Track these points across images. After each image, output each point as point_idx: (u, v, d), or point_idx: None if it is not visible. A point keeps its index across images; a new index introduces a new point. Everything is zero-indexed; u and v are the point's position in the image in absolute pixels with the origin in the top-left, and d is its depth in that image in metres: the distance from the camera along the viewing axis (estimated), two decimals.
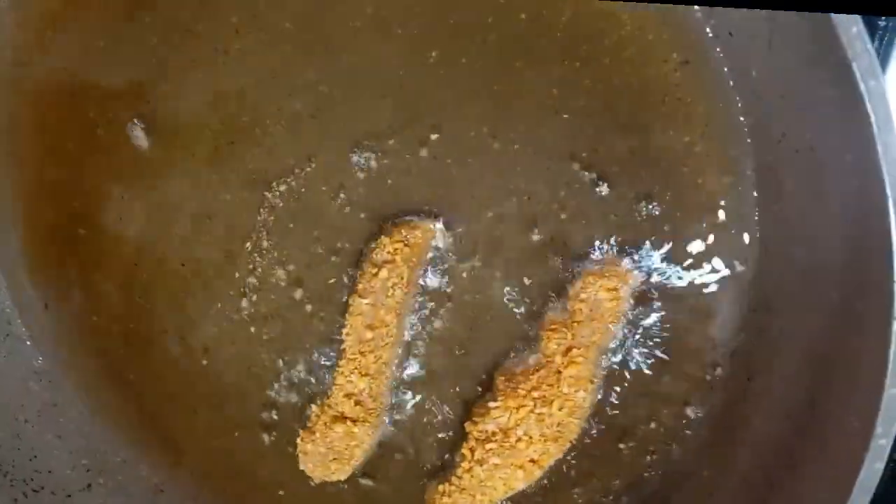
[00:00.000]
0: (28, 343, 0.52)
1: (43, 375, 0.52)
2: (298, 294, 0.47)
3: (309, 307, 0.47)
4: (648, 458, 0.45)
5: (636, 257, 0.44)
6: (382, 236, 0.46)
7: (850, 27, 0.30)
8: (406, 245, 0.45)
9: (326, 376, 0.48)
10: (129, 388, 0.52)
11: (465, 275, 0.46)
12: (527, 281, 0.45)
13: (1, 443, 0.49)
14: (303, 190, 0.46)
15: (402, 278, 0.45)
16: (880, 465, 0.35)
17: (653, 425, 0.45)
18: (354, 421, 0.47)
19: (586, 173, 0.43)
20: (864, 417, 0.35)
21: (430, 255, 0.46)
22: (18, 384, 0.51)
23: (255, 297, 0.48)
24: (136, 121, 0.47)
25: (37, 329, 0.52)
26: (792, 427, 0.40)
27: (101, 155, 0.49)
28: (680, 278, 0.44)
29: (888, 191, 0.31)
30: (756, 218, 0.41)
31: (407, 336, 0.47)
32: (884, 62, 0.45)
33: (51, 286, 0.51)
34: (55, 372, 0.52)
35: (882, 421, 0.35)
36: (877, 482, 0.36)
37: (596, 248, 0.44)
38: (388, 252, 0.45)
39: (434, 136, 0.44)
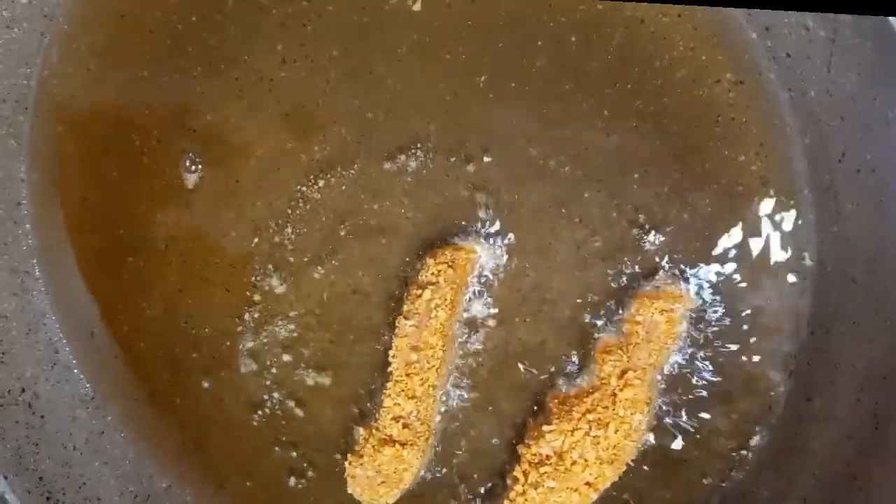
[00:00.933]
0: (75, 371, 0.52)
1: (90, 403, 0.52)
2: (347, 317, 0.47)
3: (351, 335, 0.47)
4: (706, 480, 0.44)
5: (691, 278, 0.44)
6: (427, 258, 0.46)
7: None
8: (450, 266, 0.45)
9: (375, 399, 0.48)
10: (172, 414, 0.52)
11: (514, 296, 0.45)
12: (579, 302, 0.45)
13: (51, 471, 0.50)
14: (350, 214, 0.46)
15: (445, 300, 0.45)
16: None
17: (711, 448, 0.44)
18: (403, 444, 0.46)
19: (638, 194, 0.43)
20: None
21: (476, 277, 0.46)
22: (66, 413, 0.52)
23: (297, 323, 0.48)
24: (186, 153, 0.47)
25: (83, 357, 0.52)
26: (854, 448, 0.40)
27: (146, 183, 0.49)
28: (736, 301, 0.43)
29: None
30: (814, 238, 0.41)
31: (456, 360, 0.47)
32: None
33: (97, 313, 0.51)
34: (101, 399, 0.53)
35: None
36: None
37: (652, 270, 0.44)
38: (432, 273, 0.45)
39: (485, 159, 0.44)
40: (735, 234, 0.43)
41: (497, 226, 0.45)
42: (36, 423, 0.50)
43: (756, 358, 0.43)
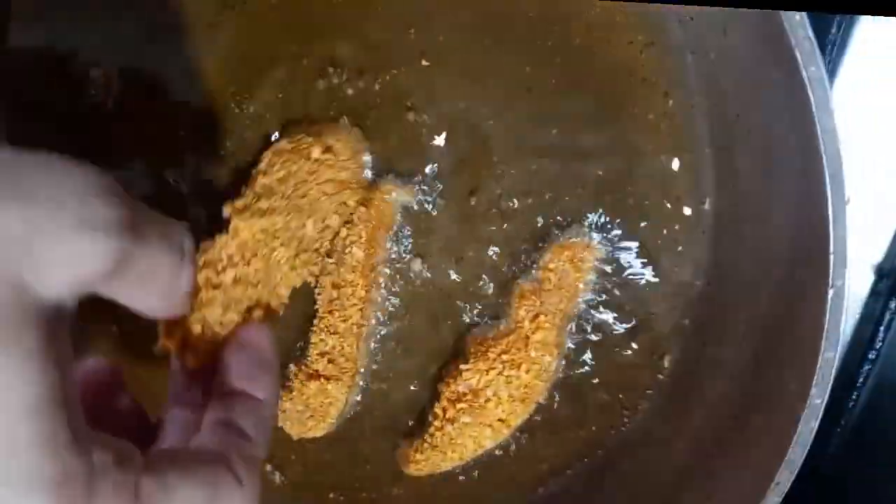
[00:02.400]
0: None
1: None
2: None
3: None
4: (607, 422, 0.48)
5: (602, 229, 0.46)
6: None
7: (794, 15, 0.33)
8: (363, 205, 0.47)
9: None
10: None
11: (439, 242, 0.48)
12: (497, 251, 0.47)
13: None
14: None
15: (360, 237, 0.47)
16: (815, 424, 0.39)
17: (614, 391, 0.48)
18: (328, 378, 0.49)
19: (556, 148, 0.46)
20: (801, 379, 0.38)
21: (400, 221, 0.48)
22: None
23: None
24: None
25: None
26: (738, 388, 0.43)
27: None
28: (641, 254, 0.46)
29: (825, 169, 0.34)
30: (713, 195, 0.44)
31: (379, 300, 0.49)
32: (834, 69, 0.48)
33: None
34: None
35: (817, 382, 0.38)
36: (811, 439, 0.39)
37: (565, 221, 0.46)
38: (349, 212, 0.47)
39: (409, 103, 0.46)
40: (642, 191, 0.46)
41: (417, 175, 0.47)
42: None
43: (657, 308, 0.47)
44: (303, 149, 0.46)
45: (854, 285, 0.46)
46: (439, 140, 0.46)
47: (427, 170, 0.47)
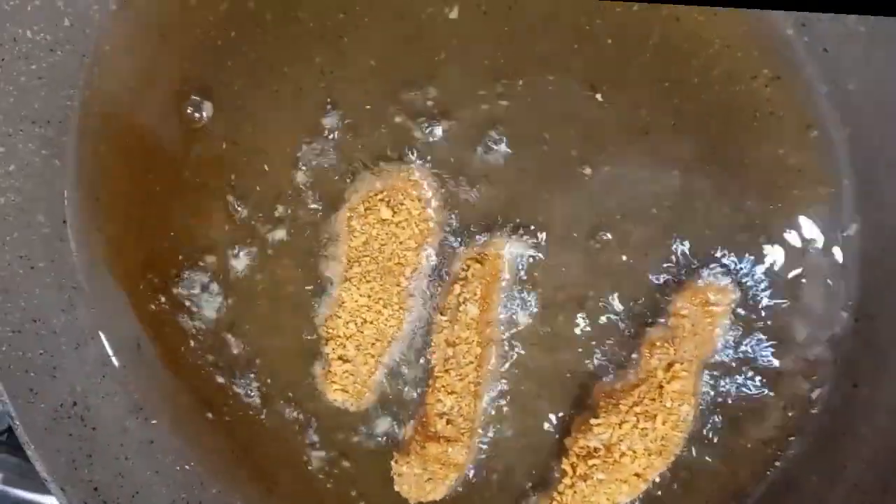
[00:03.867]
0: (123, 382, 0.53)
1: (139, 413, 0.53)
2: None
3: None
4: (751, 469, 0.45)
5: (735, 271, 0.44)
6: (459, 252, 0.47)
7: None
8: (477, 261, 0.46)
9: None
10: (219, 422, 0.53)
11: (554, 294, 0.46)
12: (621, 300, 0.46)
13: (105, 482, 0.51)
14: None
15: (474, 294, 0.46)
16: None
17: (758, 435, 0.45)
18: (447, 440, 0.47)
19: (678, 190, 0.44)
20: None
21: (512, 275, 0.47)
22: (117, 424, 0.53)
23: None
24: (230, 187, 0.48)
25: (131, 369, 0.53)
26: None
27: (187, 195, 0.50)
28: (779, 291, 0.44)
29: None
30: (856, 228, 0.42)
31: (497, 356, 0.48)
32: None
33: (143, 324, 0.52)
34: (150, 410, 0.54)
35: None
36: None
37: (694, 264, 0.45)
38: (462, 268, 0.46)
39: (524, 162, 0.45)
40: (777, 227, 0.44)
41: (535, 223, 0.46)
42: (88, 436, 0.51)
43: (801, 348, 0.44)
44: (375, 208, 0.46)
45: None
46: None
47: (540, 219, 0.46)
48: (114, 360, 0.53)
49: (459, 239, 0.46)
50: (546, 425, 0.48)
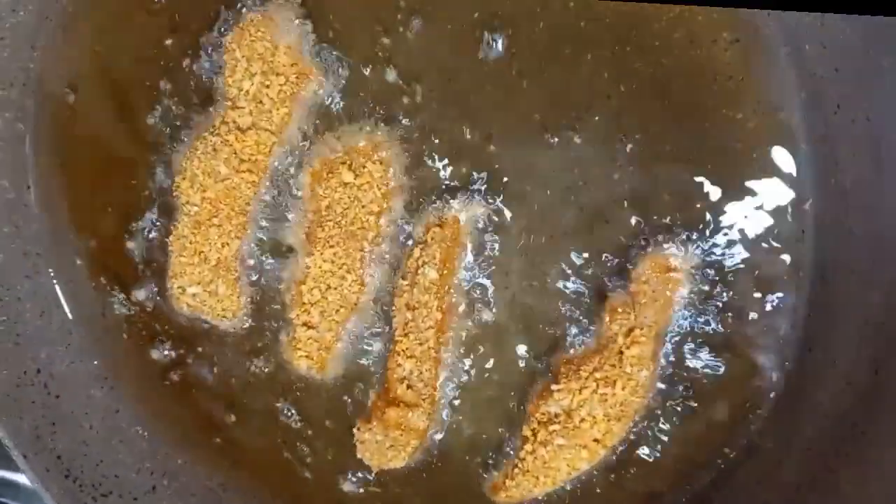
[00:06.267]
0: (88, 351, 0.53)
1: (104, 382, 0.53)
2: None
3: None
4: (711, 438, 0.45)
5: (695, 237, 0.45)
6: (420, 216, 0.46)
7: None
8: (438, 225, 0.46)
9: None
10: (185, 391, 0.53)
11: (517, 262, 0.46)
12: (583, 267, 0.46)
13: (69, 450, 0.50)
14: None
15: (433, 257, 0.46)
16: None
17: (717, 403, 0.45)
18: (408, 405, 0.47)
19: (638, 155, 0.44)
20: None
21: (473, 242, 0.46)
22: (81, 392, 0.52)
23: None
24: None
25: (96, 337, 0.53)
26: (854, 395, 0.41)
27: (152, 159, 0.49)
28: (737, 257, 0.44)
29: None
30: (813, 191, 0.42)
31: (456, 324, 0.47)
32: None
33: (108, 294, 0.52)
34: (115, 378, 0.53)
35: None
36: None
37: (654, 230, 0.45)
38: (422, 232, 0.46)
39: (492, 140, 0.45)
40: (736, 193, 0.44)
41: (497, 188, 0.46)
42: (52, 404, 0.51)
43: (756, 313, 0.44)
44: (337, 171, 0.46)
45: None
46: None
47: (502, 183, 0.46)
48: (78, 327, 0.53)
49: (421, 203, 0.46)
50: (508, 393, 0.47)
